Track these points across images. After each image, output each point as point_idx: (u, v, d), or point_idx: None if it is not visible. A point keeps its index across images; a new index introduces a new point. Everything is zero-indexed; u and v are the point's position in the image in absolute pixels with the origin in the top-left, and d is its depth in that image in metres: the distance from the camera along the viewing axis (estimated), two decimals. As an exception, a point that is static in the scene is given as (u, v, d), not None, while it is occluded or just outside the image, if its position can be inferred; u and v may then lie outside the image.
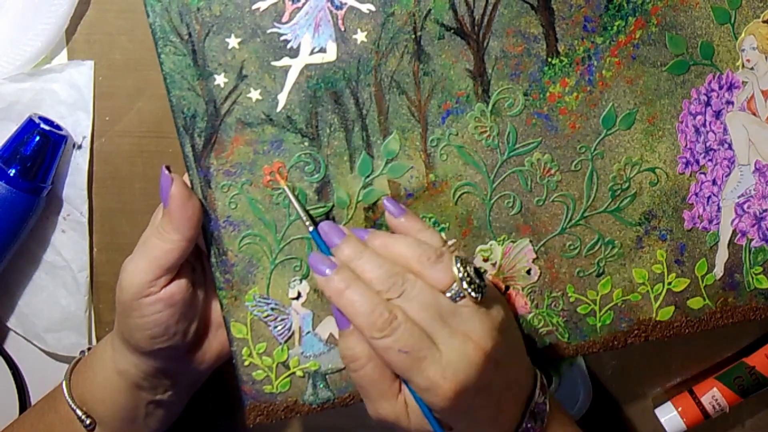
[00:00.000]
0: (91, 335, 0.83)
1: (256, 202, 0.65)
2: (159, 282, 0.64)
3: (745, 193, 0.70)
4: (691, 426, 0.82)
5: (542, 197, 0.68)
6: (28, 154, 0.75)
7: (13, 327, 0.83)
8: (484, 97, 0.66)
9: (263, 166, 0.65)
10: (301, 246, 0.66)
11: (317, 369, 0.68)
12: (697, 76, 0.68)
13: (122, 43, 0.79)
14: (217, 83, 0.63)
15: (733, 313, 0.72)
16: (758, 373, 0.81)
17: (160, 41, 0.62)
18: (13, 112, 0.78)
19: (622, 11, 0.66)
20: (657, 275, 0.70)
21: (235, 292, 0.66)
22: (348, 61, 0.64)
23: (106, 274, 0.82)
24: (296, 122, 0.64)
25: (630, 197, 0.69)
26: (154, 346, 0.66)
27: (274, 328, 0.67)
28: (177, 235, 0.63)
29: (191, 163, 0.64)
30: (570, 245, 0.69)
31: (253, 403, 0.68)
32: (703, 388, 0.82)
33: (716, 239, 0.70)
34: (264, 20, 0.63)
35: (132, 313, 0.65)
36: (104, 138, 0.80)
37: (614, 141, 0.67)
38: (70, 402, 0.71)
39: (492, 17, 0.65)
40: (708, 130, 0.69)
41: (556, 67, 0.66)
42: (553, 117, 0.67)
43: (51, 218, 0.80)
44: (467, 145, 0.66)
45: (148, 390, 0.70)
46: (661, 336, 0.71)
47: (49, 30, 0.77)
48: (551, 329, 0.70)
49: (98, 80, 0.79)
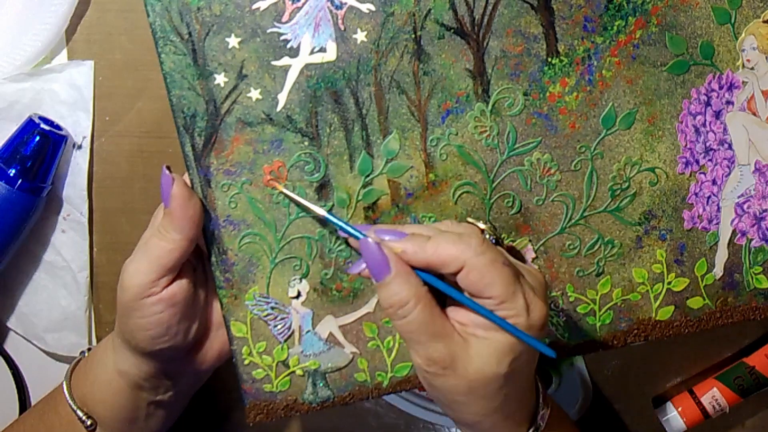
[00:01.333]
0: (91, 335, 0.83)
1: (256, 201, 0.65)
2: (160, 282, 0.64)
3: (745, 193, 0.70)
4: (691, 426, 0.83)
5: (542, 197, 0.68)
6: (28, 154, 0.75)
7: (13, 327, 0.83)
8: (483, 96, 0.66)
9: (263, 165, 0.65)
10: (301, 245, 0.66)
11: (317, 368, 0.68)
12: (697, 76, 0.68)
13: (122, 43, 0.79)
14: (217, 83, 0.63)
15: (733, 313, 0.72)
16: (758, 373, 0.81)
17: (160, 41, 0.62)
18: (13, 112, 0.78)
19: (622, 11, 0.66)
20: (657, 275, 0.70)
21: (235, 291, 0.66)
22: (348, 61, 0.64)
23: (106, 274, 0.82)
24: (296, 122, 0.64)
25: (630, 197, 0.69)
26: (155, 346, 0.66)
27: (274, 327, 0.67)
28: (178, 235, 0.63)
29: (191, 162, 0.64)
30: (569, 245, 0.69)
31: (253, 401, 0.68)
32: (703, 388, 0.82)
33: (716, 239, 0.70)
34: (264, 20, 0.63)
35: (133, 314, 0.65)
36: (104, 138, 0.80)
37: (614, 141, 0.68)
38: (70, 403, 0.70)
39: (492, 17, 0.65)
40: (708, 130, 0.69)
41: (556, 67, 0.66)
42: (552, 117, 0.67)
43: (51, 218, 0.80)
44: (467, 145, 0.66)
45: (148, 390, 0.70)
46: (661, 336, 0.71)
47: (49, 30, 0.77)
48: (551, 329, 0.70)
49: (98, 80, 0.79)
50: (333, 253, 0.67)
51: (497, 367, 0.57)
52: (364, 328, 0.68)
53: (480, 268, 0.56)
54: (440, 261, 0.57)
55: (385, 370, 0.69)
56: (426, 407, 0.84)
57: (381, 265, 0.58)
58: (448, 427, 0.86)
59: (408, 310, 0.57)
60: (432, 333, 0.57)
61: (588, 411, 0.83)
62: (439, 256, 0.57)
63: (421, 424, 0.86)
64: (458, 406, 0.60)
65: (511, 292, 0.56)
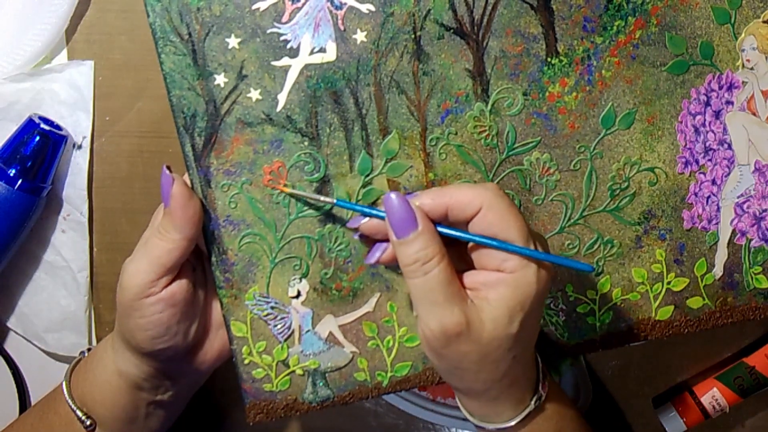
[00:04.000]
0: (91, 335, 0.83)
1: (256, 201, 0.65)
2: (160, 282, 0.64)
3: (745, 193, 0.70)
4: (691, 426, 0.83)
5: (541, 196, 0.68)
6: (28, 154, 0.75)
7: (13, 327, 0.83)
8: (483, 96, 0.66)
9: (263, 165, 0.65)
10: (301, 245, 0.66)
11: (317, 367, 0.68)
12: (697, 76, 0.68)
13: (122, 43, 0.79)
14: (217, 83, 0.63)
15: (733, 313, 0.72)
16: (758, 373, 0.81)
17: (160, 41, 0.63)
18: (13, 112, 0.78)
19: (622, 11, 0.66)
20: (656, 275, 0.70)
21: (235, 291, 0.67)
22: (348, 61, 0.64)
23: (106, 274, 0.82)
24: (296, 122, 0.64)
25: (629, 197, 0.69)
26: (155, 346, 0.66)
27: (273, 327, 0.67)
28: (178, 235, 0.63)
29: (191, 162, 0.64)
30: (569, 244, 0.69)
31: (253, 401, 0.68)
32: (703, 388, 0.82)
33: (716, 239, 0.70)
34: (264, 20, 0.63)
35: (133, 314, 0.65)
36: (104, 138, 0.80)
37: (613, 141, 0.68)
38: (70, 403, 0.70)
39: (491, 17, 0.65)
40: (707, 129, 0.69)
41: (556, 67, 0.66)
42: (552, 117, 0.67)
43: (51, 218, 0.80)
44: (466, 145, 0.66)
45: (148, 390, 0.70)
46: (661, 335, 0.71)
47: (49, 30, 0.77)
48: (551, 328, 0.70)
49: (98, 80, 0.79)
50: (333, 252, 0.67)
51: (509, 326, 0.58)
52: (363, 328, 0.68)
53: (500, 208, 0.57)
54: (459, 204, 0.57)
55: (385, 369, 0.69)
56: (426, 407, 0.84)
57: (407, 221, 0.58)
58: (448, 427, 0.86)
59: (432, 266, 0.57)
60: (450, 294, 0.57)
61: (588, 411, 0.83)
62: (458, 199, 0.57)
63: (421, 424, 0.86)
64: (468, 375, 0.60)
65: (526, 236, 0.57)
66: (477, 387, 0.61)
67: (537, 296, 0.58)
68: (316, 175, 0.65)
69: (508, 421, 0.63)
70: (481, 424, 0.64)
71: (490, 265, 0.58)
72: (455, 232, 0.59)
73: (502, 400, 0.62)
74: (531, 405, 0.63)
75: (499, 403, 0.62)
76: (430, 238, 0.58)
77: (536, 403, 0.63)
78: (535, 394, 0.63)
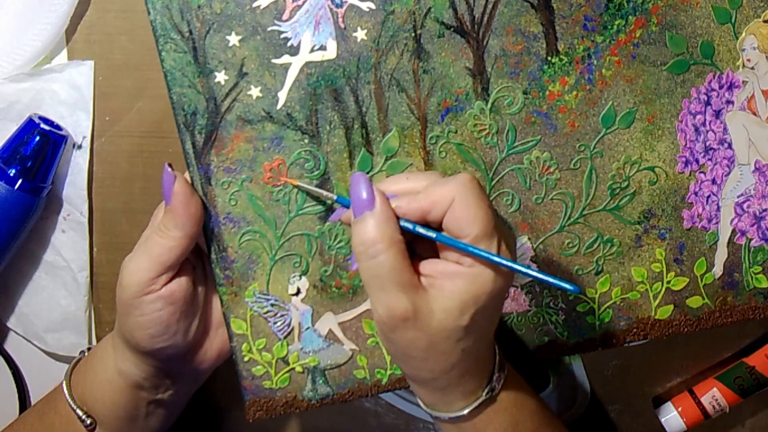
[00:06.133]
0: (91, 335, 0.83)
1: (256, 198, 0.65)
2: (160, 280, 0.64)
3: (745, 192, 0.70)
4: (691, 426, 0.82)
5: (541, 195, 0.68)
6: (28, 154, 0.75)
7: (13, 327, 0.83)
8: (483, 95, 0.66)
9: (263, 163, 0.65)
10: (301, 242, 0.66)
11: (316, 365, 0.68)
12: (697, 76, 0.68)
13: (122, 43, 0.79)
14: (218, 80, 0.63)
15: (732, 312, 0.72)
16: (758, 373, 0.81)
17: (161, 38, 0.63)
18: (13, 112, 0.78)
19: (623, 10, 0.66)
20: (656, 274, 0.70)
21: (235, 289, 0.67)
22: (348, 59, 0.64)
23: (106, 274, 0.82)
24: (296, 119, 0.64)
25: (629, 196, 0.69)
26: (154, 344, 0.66)
27: (273, 324, 0.67)
28: (179, 232, 0.63)
29: (192, 160, 0.64)
30: (569, 243, 0.69)
31: (253, 398, 0.68)
32: (703, 388, 0.82)
33: (715, 238, 0.70)
34: (264, 18, 0.63)
35: (132, 312, 0.65)
36: (104, 138, 0.80)
37: (613, 140, 0.68)
38: (70, 402, 0.70)
39: (492, 16, 0.65)
40: (708, 129, 0.69)
41: (556, 66, 0.66)
42: (552, 115, 0.67)
43: (51, 218, 0.80)
44: (466, 143, 0.66)
45: (148, 390, 0.70)
46: (660, 334, 0.71)
47: (49, 30, 0.77)
48: (550, 327, 0.70)
49: (98, 80, 0.79)
50: (333, 250, 0.67)
51: (459, 318, 0.57)
52: (363, 325, 0.68)
53: (467, 203, 0.56)
54: (435, 205, 0.57)
55: (385, 367, 0.69)
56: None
57: (365, 201, 0.57)
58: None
59: (378, 251, 0.56)
60: (398, 282, 0.57)
61: (587, 411, 0.83)
62: (433, 200, 0.57)
63: (421, 424, 0.85)
64: (415, 362, 0.59)
65: (489, 233, 0.56)
66: (424, 375, 0.60)
67: (492, 293, 0.57)
68: (316, 172, 0.65)
69: (458, 412, 0.62)
70: (432, 412, 0.63)
71: (451, 256, 0.58)
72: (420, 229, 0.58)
73: (451, 390, 0.61)
74: (482, 396, 0.62)
75: (448, 393, 0.61)
76: (382, 222, 0.57)
77: (488, 395, 0.62)
78: (488, 385, 0.62)
